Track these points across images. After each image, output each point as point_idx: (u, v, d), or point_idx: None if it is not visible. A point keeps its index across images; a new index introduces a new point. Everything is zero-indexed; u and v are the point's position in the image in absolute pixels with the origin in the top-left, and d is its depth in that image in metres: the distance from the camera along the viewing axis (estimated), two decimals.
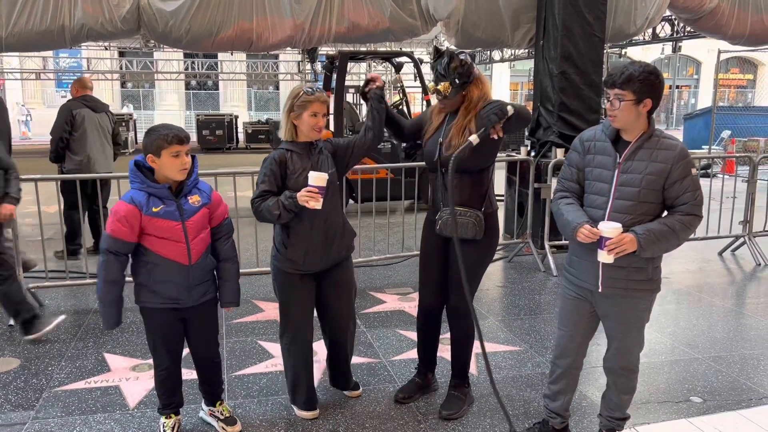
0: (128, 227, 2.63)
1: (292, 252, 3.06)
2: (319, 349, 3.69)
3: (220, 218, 2.91)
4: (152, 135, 2.66)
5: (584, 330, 2.85)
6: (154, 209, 2.65)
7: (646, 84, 2.49)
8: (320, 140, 3.13)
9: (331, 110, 8.20)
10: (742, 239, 6.84)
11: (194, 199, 2.77)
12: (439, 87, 3.04)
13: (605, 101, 2.61)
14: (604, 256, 2.55)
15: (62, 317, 4.48)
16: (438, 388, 3.60)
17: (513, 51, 15.75)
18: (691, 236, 2.69)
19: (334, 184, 3.13)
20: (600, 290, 2.69)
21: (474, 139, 2.86)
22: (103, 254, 2.70)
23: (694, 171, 2.57)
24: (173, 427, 3.03)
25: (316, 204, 2.87)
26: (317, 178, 2.87)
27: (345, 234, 3.22)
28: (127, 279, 2.81)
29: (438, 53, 3.11)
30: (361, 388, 3.58)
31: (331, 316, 3.30)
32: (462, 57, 3.02)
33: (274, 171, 2.98)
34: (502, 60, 17.81)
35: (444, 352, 3.69)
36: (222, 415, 3.15)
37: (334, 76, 8.81)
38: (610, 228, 2.52)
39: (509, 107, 2.88)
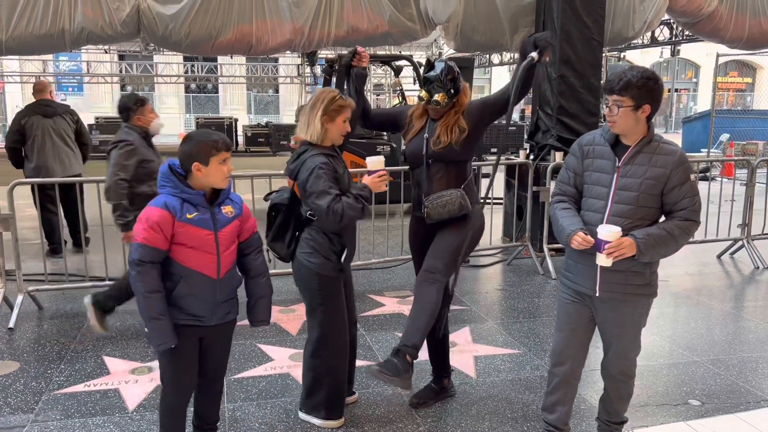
0: (161, 234, 2.43)
1: (347, 257, 3.13)
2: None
3: (250, 232, 2.72)
4: (196, 142, 2.50)
5: (582, 335, 2.84)
6: (188, 215, 2.47)
7: (645, 90, 2.50)
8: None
9: None
10: (740, 242, 6.85)
11: (227, 210, 2.60)
12: (437, 98, 3.14)
13: (604, 107, 2.62)
14: (603, 260, 2.55)
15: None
16: (455, 395, 3.59)
17: (512, 54, 15.76)
18: (690, 239, 2.69)
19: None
20: (597, 294, 2.69)
21: (535, 56, 2.94)
22: (136, 266, 2.44)
23: (692, 177, 2.58)
24: None
25: (385, 187, 3.07)
26: (378, 162, 3.06)
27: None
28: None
29: (429, 65, 3.23)
30: (356, 393, 3.55)
31: (351, 312, 3.32)
32: (456, 69, 3.19)
33: (331, 176, 2.98)
34: (501, 63, 17.87)
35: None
36: None
37: (334, 79, 8.82)
38: (609, 231, 2.51)
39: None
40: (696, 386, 3.74)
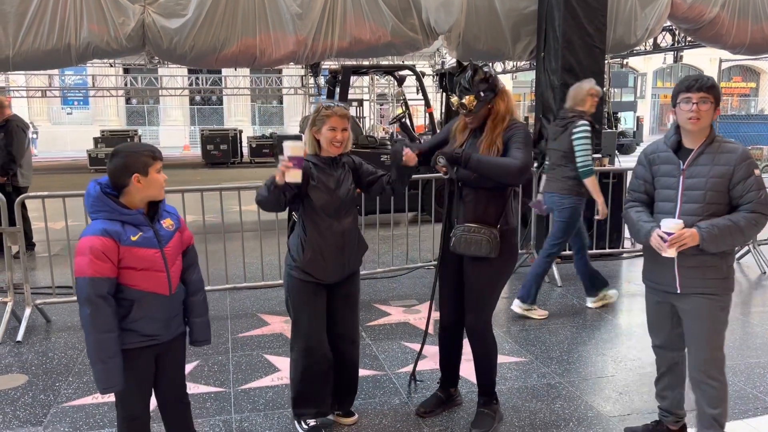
0: (109, 262, 2.31)
1: (308, 259, 3.03)
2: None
3: (187, 244, 2.62)
4: (128, 154, 2.39)
5: (675, 334, 2.94)
6: (132, 238, 2.35)
7: (719, 93, 2.71)
8: (343, 155, 3.14)
9: None
10: (746, 248, 6.83)
11: (167, 223, 2.51)
12: (463, 101, 3.02)
13: (684, 104, 2.67)
14: (667, 251, 2.68)
15: None
16: (461, 403, 3.58)
17: (515, 63, 15.82)
18: (760, 231, 2.80)
19: (353, 199, 3.15)
20: (678, 291, 2.79)
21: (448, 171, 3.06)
22: (87, 305, 2.29)
23: (757, 172, 2.70)
24: None
25: (292, 177, 2.82)
26: (292, 148, 2.82)
27: (359, 247, 3.23)
28: None
29: (461, 66, 3.10)
30: (356, 415, 3.42)
31: (339, 326, 3.24)
32: (486, 69, 3.03)
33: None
34: (504, 72, 17.92)
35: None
36: None
37: (338, 90, 8.87)
38: (671, 224, 2.66)
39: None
40: None
